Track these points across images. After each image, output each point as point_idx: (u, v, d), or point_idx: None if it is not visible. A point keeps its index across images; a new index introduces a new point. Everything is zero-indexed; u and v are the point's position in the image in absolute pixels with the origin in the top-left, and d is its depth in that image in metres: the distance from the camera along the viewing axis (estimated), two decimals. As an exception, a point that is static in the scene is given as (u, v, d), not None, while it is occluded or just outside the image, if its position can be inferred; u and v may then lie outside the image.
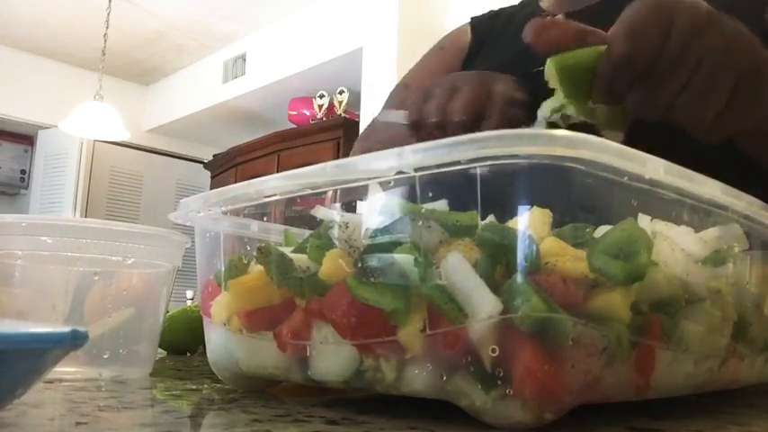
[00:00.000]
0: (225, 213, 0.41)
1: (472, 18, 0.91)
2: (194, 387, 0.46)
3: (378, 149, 0.31)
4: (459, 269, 0.30)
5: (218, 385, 0.45)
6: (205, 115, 4.32)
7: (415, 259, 0.31)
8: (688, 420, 0.34)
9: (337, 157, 1.92)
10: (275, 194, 0.37)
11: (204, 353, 0.47)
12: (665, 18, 0.41)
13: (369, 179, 0.33)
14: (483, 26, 0.88)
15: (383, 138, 0.73)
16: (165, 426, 0.30)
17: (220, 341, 0.42)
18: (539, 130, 0.27)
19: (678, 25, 0.41)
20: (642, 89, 0.42)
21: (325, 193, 0.36)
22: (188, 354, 0.75)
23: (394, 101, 0.86)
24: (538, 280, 0.28)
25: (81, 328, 0.27)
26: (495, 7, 0.91)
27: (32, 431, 0.28)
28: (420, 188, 0.31)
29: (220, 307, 0.41)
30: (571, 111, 0.45)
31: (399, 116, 0.56)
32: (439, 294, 0.30)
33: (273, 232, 0.43)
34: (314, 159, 2.95)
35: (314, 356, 0.36)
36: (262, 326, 0.38)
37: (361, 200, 0.35)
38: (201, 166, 4.50)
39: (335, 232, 0.34)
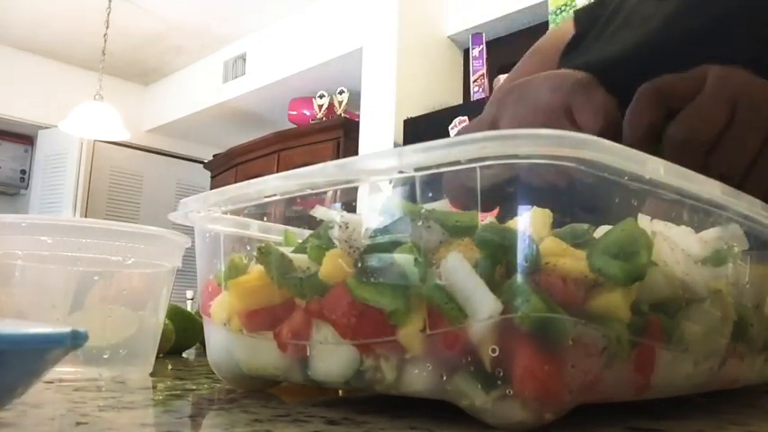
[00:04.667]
0: (225, 213, 0.41)
1: (575, 11, 0.87)
2: (194, 387, 0.46)
3: None
4: (459, 269, 0.30)
5: (218, 385, 0.45)
6: (205, 115, 4.32)
7: (415, 259, 0.31)
8: (688, 420, 0.34)
9: (337, 157, 1.92)
10: (275, 194, 0.37)
11: (203, 353, 0.47)
12: (729, 103, 0.44)
13: (369, 179, 0.33)
14: (586, 17, 0.83)
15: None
16: (165, 426, 0.30)
17: (220, 341, 0.42)
18: (538, 129, 0.27)
19: (740, 109, 0.44)
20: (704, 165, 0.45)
21: (325, 193, 0.36)
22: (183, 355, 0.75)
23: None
24: (538, 280, 0.28)
25: (81, 329, 0.27)
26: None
27: (32, 431, 0.28)
28: (420, 188, 0.31)
29: (220, 307, 0.41)
30: None
31: None
32: (439, 294, 0.30)
33: (273, 232, 0.43)
34: (314, 159, 2.95)
35: (314, 356, 0.36)
36: (262, 326, 0.38)
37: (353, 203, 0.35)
38: (201, 166, 4.50)
39: (335, 232, 0.34)
